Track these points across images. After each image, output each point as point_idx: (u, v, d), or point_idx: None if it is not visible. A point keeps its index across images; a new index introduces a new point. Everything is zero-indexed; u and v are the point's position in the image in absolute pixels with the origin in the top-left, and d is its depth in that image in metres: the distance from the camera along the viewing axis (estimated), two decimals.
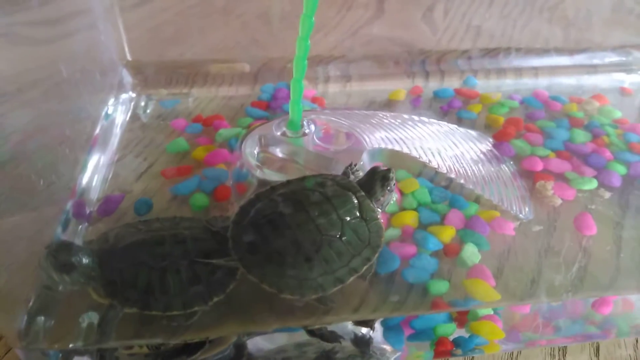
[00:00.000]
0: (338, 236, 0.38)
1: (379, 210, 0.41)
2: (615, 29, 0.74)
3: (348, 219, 0.38)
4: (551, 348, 0.45)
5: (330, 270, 0.37)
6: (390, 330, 0.42)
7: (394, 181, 0.42)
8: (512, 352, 0.44)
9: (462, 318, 0.42)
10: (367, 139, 0.53)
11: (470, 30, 0.74)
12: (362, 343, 0.43)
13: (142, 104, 0.63)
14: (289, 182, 0.42)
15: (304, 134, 0.53)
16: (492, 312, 0.42)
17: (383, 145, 0.53)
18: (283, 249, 0.37)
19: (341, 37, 0.71)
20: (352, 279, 0.37)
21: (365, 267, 0.38)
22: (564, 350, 0.44)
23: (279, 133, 0.53)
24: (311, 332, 0.42)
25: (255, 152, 0.51)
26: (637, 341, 0.46)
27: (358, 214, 0.39)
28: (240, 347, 0.42)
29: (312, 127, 0.53)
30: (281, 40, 0.66)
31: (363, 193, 0.40)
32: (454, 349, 0.42)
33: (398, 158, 0.52)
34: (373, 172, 0.42)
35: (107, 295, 0.36)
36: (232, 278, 0.38)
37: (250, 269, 0.37)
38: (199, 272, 0.38)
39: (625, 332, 0.46)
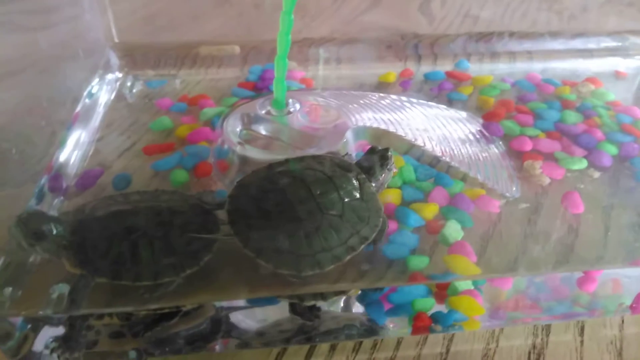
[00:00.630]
0: (338, 215, 0.37)
1: (377, 189, 0.41)
2: (611, 15, 0.73)
3: (348, 199, 0.38)
4: (534, 327, 0.44)
5: (328, 247, 0.36)
6: (370, 305, 0.41)
7: (392, 160, 0.42)
8: (493, 330, 0.43)
9: (442, 293, 0.42)
10: (354, 119, 0.52)
11: (467, 19, 0.74)
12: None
13: (128, 84, 0.62)
14: (287, 160, 0.41)
15: (289, 113, 0.52)
16: (472, 287, 0.42)
17: (369, 124, 0.52)
18: (282, 224, 0.37)
19: (337, 26, 0.71)
20: (349, 257, 0.37)
21: (362, 246, 0.37)
22: (547, 330, 0.43)
23: (263, 112, 0.52)
24: (294, 310, 0.41)
25: (238, 129, 0.50)
26: (622, 321, 0.44)
27: (358, 195, 0.39)
28: (217, 322, 0.41)
29: (297, 105, 0.53)
30: (272, 27, 0.66)
31: (363, 175, 0.40)
32: (433, 324, 0.41)
33: (382, 136, 0.51)
34: (371, 152, 0.42)
35: (78, 265, 0.36)
36: (207, 251, 0.38)
37: (246, 243, 0.36)
38: (173, 243, 0.37)
39: (610, 312, 0.45)
